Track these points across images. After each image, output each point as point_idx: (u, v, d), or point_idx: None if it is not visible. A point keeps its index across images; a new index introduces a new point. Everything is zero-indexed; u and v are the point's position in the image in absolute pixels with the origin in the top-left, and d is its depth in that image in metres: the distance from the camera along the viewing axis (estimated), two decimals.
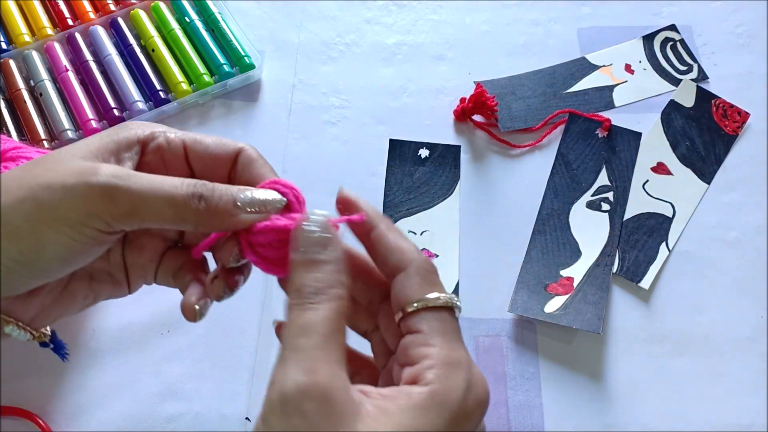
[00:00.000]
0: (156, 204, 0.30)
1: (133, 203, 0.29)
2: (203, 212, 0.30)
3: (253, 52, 0.64)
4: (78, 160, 0.30)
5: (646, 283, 0.54)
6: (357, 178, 0.60)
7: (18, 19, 0.64)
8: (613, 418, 0.49)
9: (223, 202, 0.31)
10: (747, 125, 0.62)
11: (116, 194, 0.29)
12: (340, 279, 0.29)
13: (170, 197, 0.30)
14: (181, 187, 0.30)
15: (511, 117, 0.63)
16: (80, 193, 0.29)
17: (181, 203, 0.30)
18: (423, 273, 0.30)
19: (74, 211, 0.29)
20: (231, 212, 0.31)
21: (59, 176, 0.29)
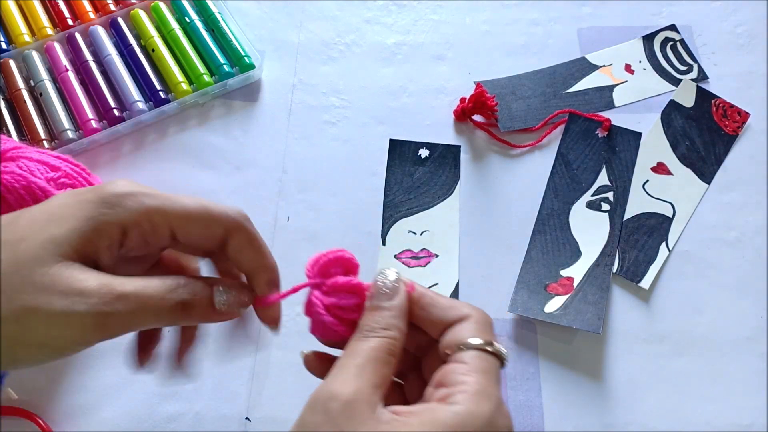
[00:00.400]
0: (144, 316, 0.30)
1: (123, 324, 0.30)
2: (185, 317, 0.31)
3: (253, 52, 0.64)
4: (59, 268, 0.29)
5: (646, 283, 0.54)
6: (357, 178, 0.60)
7: (18, 19, 0.64)
8: (613, 418, 0.49)
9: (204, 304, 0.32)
10: (747, 125, 0.62)
11: (107, 323, 0.29)
12: (395, 323, 0.32)
13: (157, 312, 0.30)
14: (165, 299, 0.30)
15: (511, 117, 0.63)
16: (72, 324, 0.29)
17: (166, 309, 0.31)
18: (482, 323, 0.32)
19: (61, 339, 0.29)
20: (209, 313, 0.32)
21: (42, 301, 0.28)
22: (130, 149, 0.60)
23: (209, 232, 0.32)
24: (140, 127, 0.61)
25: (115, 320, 0.29)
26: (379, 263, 0.55)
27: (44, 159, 0.50)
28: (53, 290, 0.28)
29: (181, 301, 0.31)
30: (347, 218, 0.58)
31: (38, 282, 0.28)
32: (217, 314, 0.32)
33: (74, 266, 0.29)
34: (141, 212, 0.31)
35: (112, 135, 0.60)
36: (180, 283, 0.31)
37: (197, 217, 0.32)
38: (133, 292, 0.29)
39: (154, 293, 0.30)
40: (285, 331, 0.52)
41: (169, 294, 0.30)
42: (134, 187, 0.31)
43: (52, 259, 0.29)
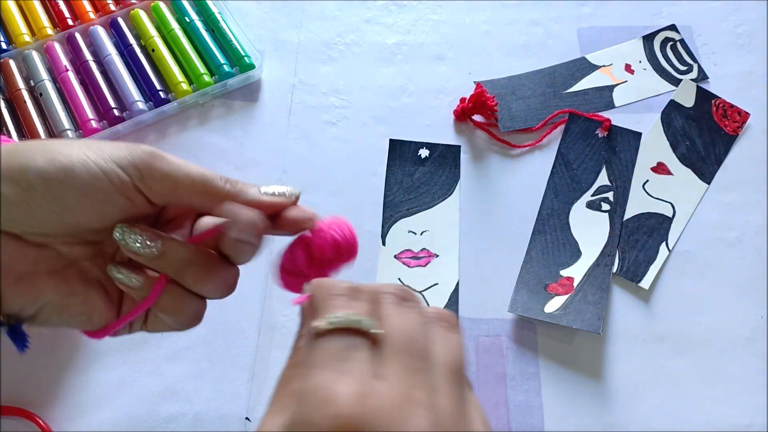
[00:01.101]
0: (190, 179, 0.34)
1: (171, 172, 0.33)
2: (230, 190, 0.35)
3: (253, 52, 0.64)
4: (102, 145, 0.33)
5: (646, 283, 0.54)
6: (357, 178, 0.60)
7: (18, 19, 0.64)
8: (613, 418, 0.49)
9: (247, 185, 0.36)
10: (747, 125, 0.62)
11: (159, 158, 0.33)
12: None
13: (202, 173, 0.34)
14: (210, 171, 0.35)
15: (511, 117, 0.63)
16: (131, 154, 0.32)
17: (211, 181, 0.34)
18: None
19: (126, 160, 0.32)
20: (253, 192, 0.36)
21: (89, 157, 0.32)
22: None
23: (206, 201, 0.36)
24: (140, 127, 0.61)
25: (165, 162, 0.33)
26: (379, 263, 0.55)
27: None
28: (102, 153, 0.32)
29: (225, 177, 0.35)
30: (347, 218, 0.58)
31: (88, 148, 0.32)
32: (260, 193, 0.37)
33: None
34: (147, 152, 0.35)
35: (112, 135, 0.60)
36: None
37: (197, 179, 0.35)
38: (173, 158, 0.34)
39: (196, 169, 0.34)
40: (285, 331, 0.52)
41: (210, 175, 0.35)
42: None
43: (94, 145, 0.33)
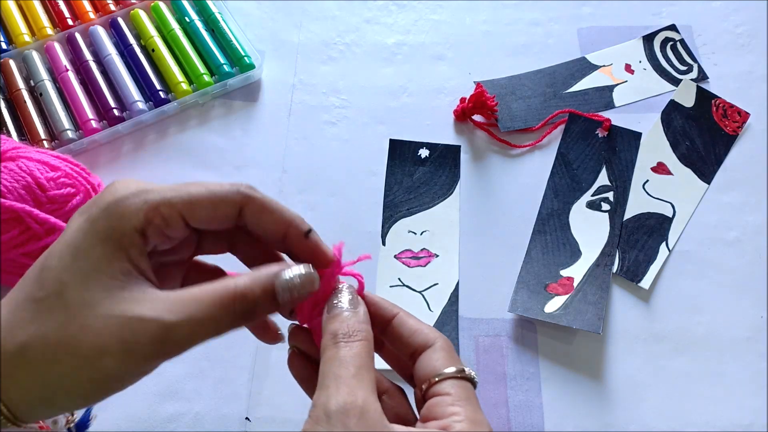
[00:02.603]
0: (200, 337, 0.31)
1: (180, 347, 0.31)
2: (245, 320, 0.32)
3: (253, 52, 0.64)
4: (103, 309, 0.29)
5: (646, 283, 0.54)
6: (357, 178, 0.60)
7: (18, 19, 0.64)
8: (613, 418, 0.49)
9: (266, 305, 0.32)
10: (747, 125, 0.62)
11: (162, 351, 0.30)
12: (365, 327, 0.33)
13: (212, 327, 0.31)
14: (221, 315, 0.31)
15: (511, 117, 0.63)
16: (131, 361, 0.29)
17: (225, 324, 0.31)
18: (447, 349, 0.34)
19: (125, 374, 0.30)
20: (272, 310, 0.33)
21: (102, 344, 0.29)
22: (130, 149, 0.60)
23: (219, 212, 0.32)
24: (140, 127, 0.61)
25: (173, 346, 0.30)
26: (379, 263, 0.55)
27: (44, 159, 0.50)
28: (110, 329, 0.29)
29: (240, 314, 0.31)
30: (347, 218, 0.58)
31: (93, 324, 0.29)
32: (282, 307, 0.33)
33: (118, 297, 0.29)
34: (148, 209, 0.30)
35: (112, 135, 0.60)
36: (236, 292, 0.31)
37: (203, 200, 0.32)
38: (184, 320, 0.30)
39: (208, 316, 0.31)
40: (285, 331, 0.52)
41: (224, 313, 0.31)
42: (133, 186, 0.31)
43: (95, 298, 0.29)
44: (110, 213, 0.30)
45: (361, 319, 0.33)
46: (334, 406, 0.29)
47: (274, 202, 0.33)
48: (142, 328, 0.29)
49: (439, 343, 0.34)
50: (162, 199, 0.31)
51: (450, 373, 0.33)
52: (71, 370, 0.29)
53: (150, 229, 0.31)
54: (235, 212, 0.32)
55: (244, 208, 0.32)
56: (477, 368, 0.51)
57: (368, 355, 0.32)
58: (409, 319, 0.36)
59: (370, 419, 0.29)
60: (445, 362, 0.33)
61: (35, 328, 0.29)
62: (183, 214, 0.31)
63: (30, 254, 0.48)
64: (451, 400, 0.32)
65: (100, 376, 0.29)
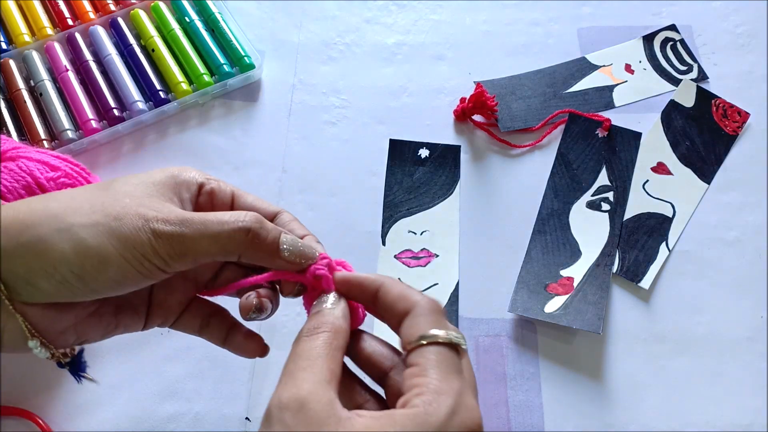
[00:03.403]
0: (207, 245, 0.33)
1: (189, 247, 0.33)
2: (250, 244, 0.34)
3: (253, 52, 0.64)
4: (143, 198, 0.34)
5: (646, 283, 0.54)
6: (357, 178, 0.60)
7: (18, 19, 0.64)
8: (613, 418, 0.49)
9: (270, 238, 0.34)
10: (747, 125, 0.62)
11: (175, 241, 0.32)
12: (335, 320, 0.33)
13: (217, 236, 0.33)
14: (229, 223, 0.34)
15: (511, 117, 0.63)
16: (146, 234, 0.32)
17: (227, 239, 0.33)
18: (427, 312, 0.32)
19: (141, 247, 0.32)
20: (273, 252, 0.35)
21: (128, 212, 0.32)
22: (130, 149, 0.60)
23: (260, 205, 0.38)
24: (140, 127, 0.61)
25: (182, 241, 0.32)
26: (379, 263, 0.55)
27: (44, 159, 0.50)
28: (137, 211, 0.33)
29: (245, 228, 0.33)
30: (347, 218, 0.58)
31: (126, 202, 0.33)
32: (280, 258, 0.34)
33: (158, 200, 0.34)
34: (209, 176, 0.38)
35: (112, 135, 0.60)
36: (253, 214, 0.34)
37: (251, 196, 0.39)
38: (200, 217, 0.33)
39: (219, 218, 0.33)
40: (285, 330, 0.52)
41: (234, 221, 0.33)
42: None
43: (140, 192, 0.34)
44: (182, 168, 0.37)
45: (333, 315, 0.33)
46: (275, 403, 0.28)
47: (298, 223, 0.39)
48: (165, 211, 0.33)
49: (418, 308, 0.32)
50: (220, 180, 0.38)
51: (423, 339, 0.30)
52: (88, 225, 0.31)
53: (206, 187, 0.37)
54: (269, 217, 0.37)
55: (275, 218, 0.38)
56: (477, 368, 0.51)
57: (328, 345, 0.31)
58: (395, 286, 0.34)
59: (311, 411, 0.27)
60: (422, 327, 0.31)
61: (71, 190, 0.34)
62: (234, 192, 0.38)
63: None
64: (419, 370, 0.30)
65: (112, 234, 0.31)
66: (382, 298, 0.34)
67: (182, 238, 0.32)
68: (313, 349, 0.31)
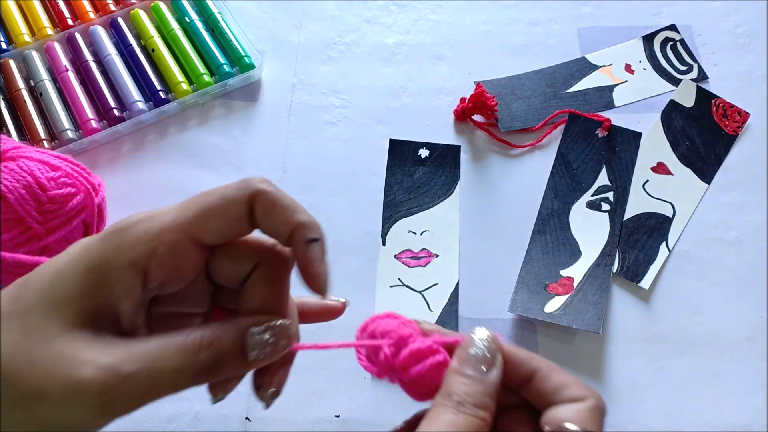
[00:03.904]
0: (161, 390, 0.27)
1: (133, 403, 0.27)
2: (211, 375, 0.28)
3: (253, 52, 0.64)
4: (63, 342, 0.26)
5: (646, 283, 0.54)
6: (357, 178, 0.60)
7: (18, 19, 0.64)
8: (613, 418, 0.49)
9: (234, 359, 0.28)
10: (747, 125, 0.62)
11: (115, 405, 0.27)
12: (487, 402, 0.28)
13: (173, 378, 0.27)
14: (183, 363, 0.27)
15: (511, 117, 0.63)
16: (76, 412, 0.26)
17: (187, 379, 0.27)
18: (597, 412, 0.28)
19: (70, 425, 0.26)
20: (242, 367, 0.29)
21: (45, 385, 0.25)
22: (130, 149, 0.60)
23: (229, 215, 0.28)
24: (140, 127, 0.61)
25: (123, 401, 0.26)
26: (379, 263, 0.55)
27: (44, 159, 0.50)
28: (57, 370, 0.25)
29: (205, 367, 0.27)
30: (347, 218, 0.58)
31: (41, 360, 0.25)
32: (252, 365, 0.29)
33: (79, 336, 0.26)
34: (148, 239, 0.27)
35: (112, 135, 0.60)
36: (203, 341, 0.27)
37: (212, 209, 0.28)
38: (141, 369, 0.26)
39: (168, 365, 0.26)
40: None
41: (188, 362, 0.27)
42: (140, 215, 0.28)
43: (55, 330, 0.26)
44: (106, 243, 0.27)
45: (486, 391, 0.28)
46: None
47: (288, 199, 0.29)
48: (91, 374, 0.25)
49: (592, 401, 0.28)
50: (165, 224, 0.27)
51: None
52: (6, 409, 0.25)
53: (154, 262, 0.27)
54: (245, 211, 0.28)
55: (254, 204, 0.28)
56: None
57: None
58: (554, 373, 0.29)
59: None
60: (583, 421, 0.27)
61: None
62: (192, 234, 0.28)
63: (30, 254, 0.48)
64: None
65: (33, 422, 0.25)
66: (540, 383, 0.29)
67: (121, 402, 0.27)
68: (461, 427, 0.27)
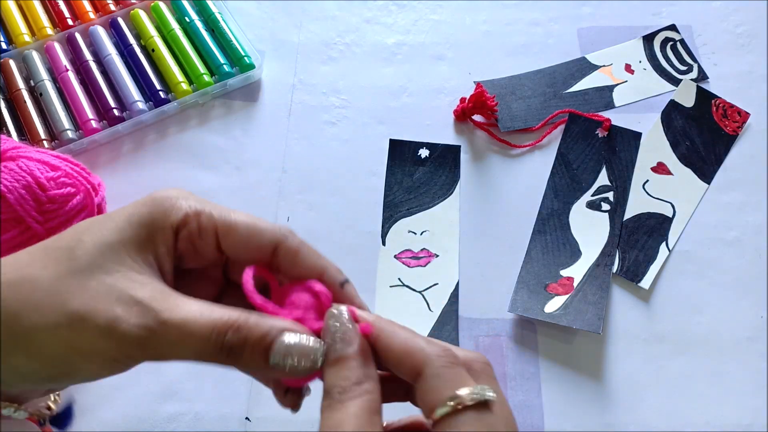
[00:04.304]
0: (184, 351, 0.28)
1: (163, 351, 0.29)
2: (231, 359, 0.29)
3: (253, 52, 0.64)
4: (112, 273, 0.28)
5: (646, 283, 0.54)
6: (357, 178, 0.60)
7: (18, 19, 0.64)
8: (613, 418, 0.49)
9: (255, 355, 0.29)
10: (747, 125, 0.62)
11: (147, 344, 0.28)
12: (366, 372, 0.28)
13: (198, 345, 0.28)
14: (209, 341, 0.28)
15: (511, 117, 0.63)
16: (115, 338, 0.28)
17: (209, 351, 0.28)
18: (440, 371, 0.28)
19: (109, 350, 0.28)
20: (261, 366, 0.29)
21: (92, 311, 0.27)
22: (130, 149, 0.60)
23: (255, 241, 0.31)
24: (140, 127, 0.61)
25: (155, 347, 0.28)
26: (379, 263, 0.55)
27: (44, 158, 0.50)
28: (107, 299, 0.28)
29: (227, 347, 0.28)
30: (347, 218, 0.58)
31: (94, 288, 0.28)
32: (273, 371, 0.29)
33: (131, 274, 0.29)
34: (189, 212, 0.31)
35: (112, 135, 0.60)
36: (233, 323, 0.28)
37: (243, 226, 0.31)
38: (177, 322, 0.28)
39: (198, 330, 0.28)
40: None
41: (215, 336, 0.28)
42: (184, 192, 0.32)
43: (109, 266, 0.29)
44: (155, 204, 0.30)
45: (358, 362, 0.28)
46: None
47: (310, 248, 0.32)
48: (134, 311, 0.28)
49: (430, 366, 0.28)
50: (204, 209, 0.31)
51: (448, 408, 0.27)
52: (49, 328, 0.27)
53: (183, 232, 0.31)
54: (270, 247, 0.31)
55: (279, 247, 0.31)
56: None
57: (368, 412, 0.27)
58: (396, 336, 0.29)
59: None
60: (442, 390, 0.27)
61: (32, 270, 0.28)
62: (219, 231, 0.31)
63: None
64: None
65: (74, 344, 0.27)
66: (386, 350, 0.29)
67: (155, 344, 0.28)
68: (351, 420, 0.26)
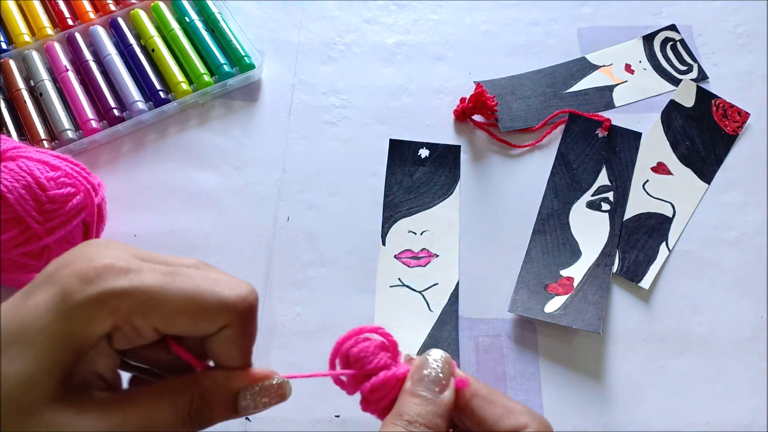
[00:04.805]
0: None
1: None
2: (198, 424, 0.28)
3: (253, 52, 0.64)
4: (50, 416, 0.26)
5: (646, 283, 0.54)
6: (357, 178, 0.60)
7: (18, 19, 0.64)
8: (613, 418, 0.49)
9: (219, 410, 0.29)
10: (747, 125, 0.63)
11: None
12: (438, 423, 0.29)
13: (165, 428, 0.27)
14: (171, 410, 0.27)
15: (511, 117, 0.63)
16: None
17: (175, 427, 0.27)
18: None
19: None
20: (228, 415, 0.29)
21: None
22: (130, 149, 0.60)
23: (199, 328, 0.28)
24: (140, 127, 0.61)
25: None
26: (379, 263, 0.55)
27: (44, 159, 0.50)
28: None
29: (197, 421, 0.28)
30: (347, 218, 0.58)
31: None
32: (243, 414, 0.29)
33: (68, 405, 0.26)
34: (117, 319, 0.27)
35: (112, 135, 0.60)
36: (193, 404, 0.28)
37: (184, 312, 0.28)
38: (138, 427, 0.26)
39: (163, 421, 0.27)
40: (285, 330, 0.52)
41: (181, 417, 0.27)
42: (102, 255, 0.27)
43: (40, 405, 0.26)
44: (75, 315, 0.26)
45: (437, 411, 0.29)
46: None
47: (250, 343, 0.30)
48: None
49: (533, 427, 0.29)
50: (135, 306, 0.27)
51: None
52: None
53: (117, 336, 0.28)
54: (215, 331, 0.29)
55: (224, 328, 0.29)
56: (477, 368, 0.51)
57: None
58: (495, 398, 0.30)
59: None
60: None
61: None
62: (157, 327, 0.28)
63: (30, 254, 0.48)
64: None
65: None
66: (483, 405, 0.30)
67: None
68: None
